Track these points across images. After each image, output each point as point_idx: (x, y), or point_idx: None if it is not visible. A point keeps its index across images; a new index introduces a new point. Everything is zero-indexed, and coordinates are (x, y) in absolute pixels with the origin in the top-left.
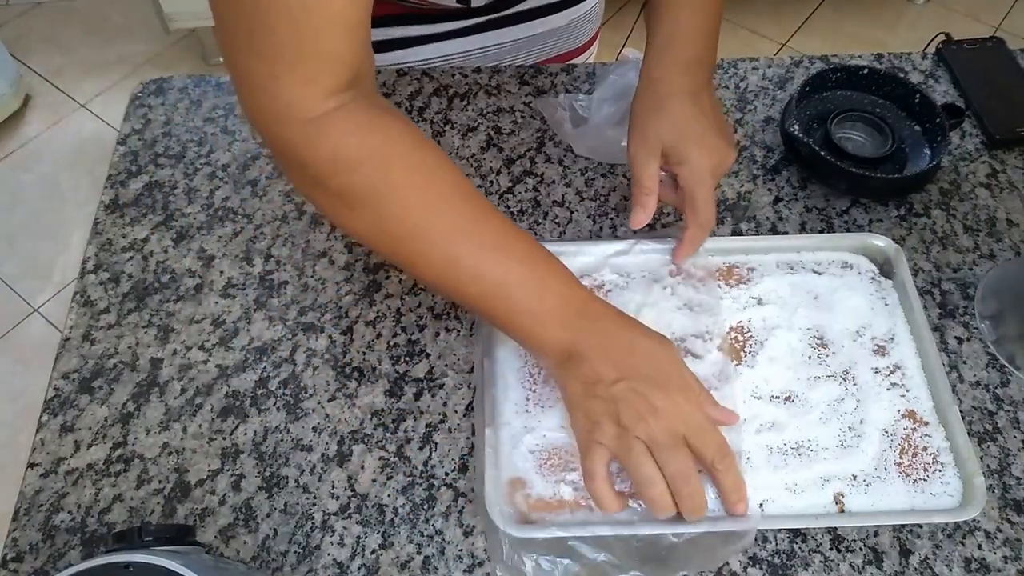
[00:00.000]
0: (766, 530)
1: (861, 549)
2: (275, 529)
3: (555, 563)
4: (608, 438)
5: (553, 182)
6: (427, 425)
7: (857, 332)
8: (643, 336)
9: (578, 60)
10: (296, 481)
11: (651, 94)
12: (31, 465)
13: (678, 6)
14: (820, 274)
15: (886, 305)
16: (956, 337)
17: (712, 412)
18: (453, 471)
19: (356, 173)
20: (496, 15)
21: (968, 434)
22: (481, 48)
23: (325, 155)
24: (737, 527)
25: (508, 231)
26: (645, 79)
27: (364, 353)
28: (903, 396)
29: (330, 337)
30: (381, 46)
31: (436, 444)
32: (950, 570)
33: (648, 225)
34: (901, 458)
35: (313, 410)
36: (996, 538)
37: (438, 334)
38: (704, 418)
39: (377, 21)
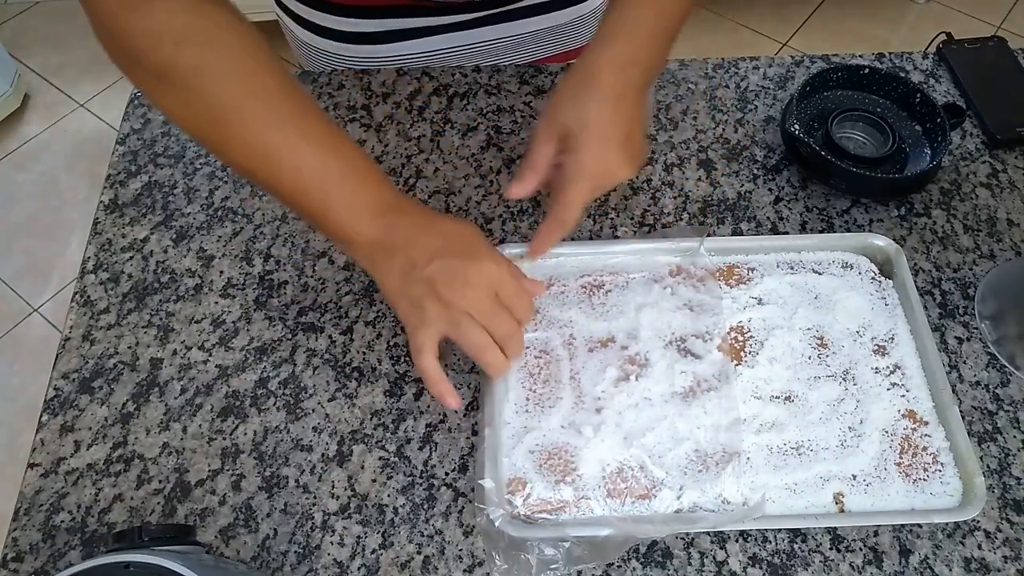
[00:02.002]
0: (766, 530)
1: (861, 549)
2: (275, 529)
3: (557, 546)
4: (434, 317)
5: None
6: (427, 425)
7: (857, 332)
8: (448, 220)
9: None
10: (296, 481)
11: (576, 79)
12: (31, 465)
13: (632, 2)
14: (820, 274)
15: (886, 305)
16: (956, 337)
17: (522, 281)
18: (453, 471)
19: (176, 50)
20: (499, 10)
21: (968, 434)
22: (484, 42)
23: (145, 28)
24: (739, 525)
25: (330, 128)
26: (579, 62)
27: (364, 353)
28: (903, 396)
29: (330, 337)
30: (383, 37)
31: (436, 444)
32: (950, 570)
33: (649, 225)
34: (901, 458)
35: (313, 410)
36: (996, 538)
37: None
38: (515, 282)
39: (380, 12)
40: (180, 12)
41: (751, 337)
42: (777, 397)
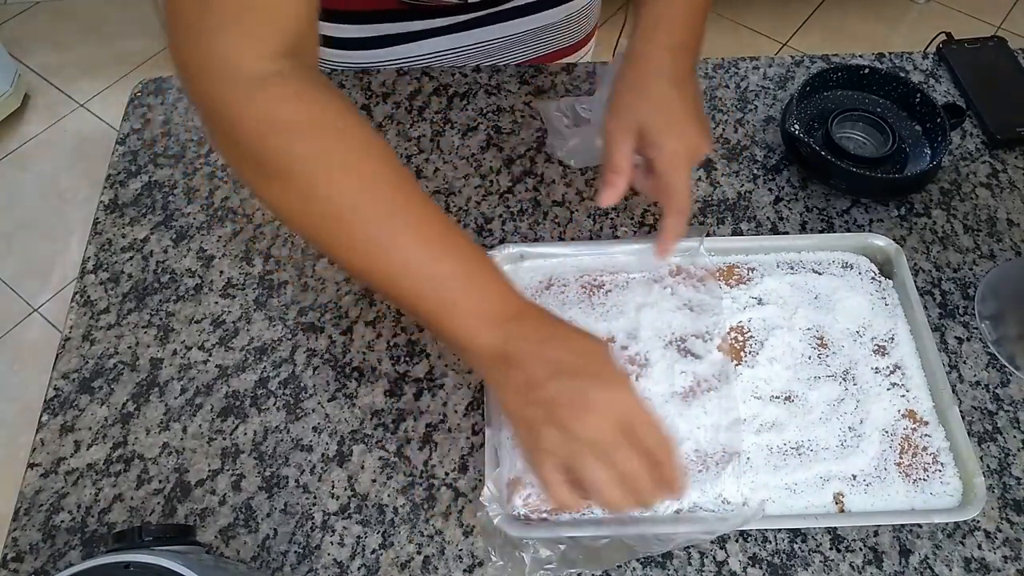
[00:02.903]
0: (766, 530)
1: (861, 549)
2: (275, 529)
3: (554, 548)
4: (554, 445)
5: (553, 182)
6: (427, 425)
7: (857, 332)
8: (577, 334)
9: (575, 57)
10: (296, 481)
11: (634, 73)
12: (31, 465)
13: None
14: (820, 274)
15: (886, 305)
16: (956, 337)
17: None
18: (453, 471)
19: (286, 141)
20: (492, 10)
21: (968, 434)
22: (478, 43)
23: (256, 118)
24: (740, 526)
25: (446, 226)
26: (629, 58)
27: (364, 353)
28: (903, 396)
29: (330, 337)
30: (379, 42)
31: (436, 444)
32: (950, 570)
33: (649, 225)
34: (901, 458)
35: (313, 410)
36: (996, 538)
37: None
38: (642, 408)
39: (376, 17)
40: (294, 99)
41: (751, 337)
42: (777, 397)
